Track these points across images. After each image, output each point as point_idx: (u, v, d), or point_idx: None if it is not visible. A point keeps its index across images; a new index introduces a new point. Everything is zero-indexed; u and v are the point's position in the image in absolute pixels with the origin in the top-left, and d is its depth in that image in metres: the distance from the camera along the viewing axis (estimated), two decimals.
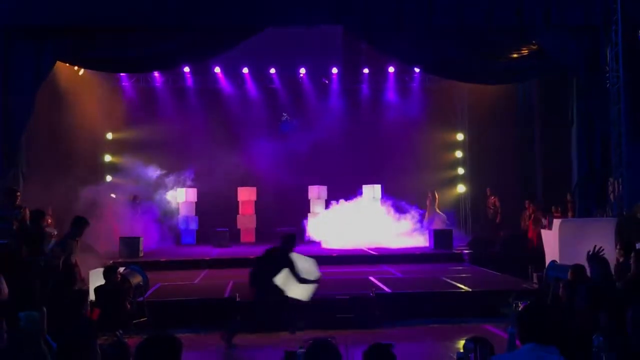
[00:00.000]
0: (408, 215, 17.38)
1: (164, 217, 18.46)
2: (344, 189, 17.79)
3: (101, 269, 9.11)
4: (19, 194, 10.39)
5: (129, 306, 8.59)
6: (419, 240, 17.00)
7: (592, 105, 12.81)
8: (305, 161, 19.08)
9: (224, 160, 18.56)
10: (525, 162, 17.69)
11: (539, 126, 17.05)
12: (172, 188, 18.83)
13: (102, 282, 8.62)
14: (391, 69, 19.46)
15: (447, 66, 14.31)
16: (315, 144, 18.92)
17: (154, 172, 18.23)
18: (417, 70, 19.03)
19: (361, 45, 17.69)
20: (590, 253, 6.60)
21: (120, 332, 8.10)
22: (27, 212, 10.29)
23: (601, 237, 9.92)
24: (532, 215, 15.97)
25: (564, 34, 12.79)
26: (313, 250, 16.26)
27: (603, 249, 6.69)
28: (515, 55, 13.67)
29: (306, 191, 19.15)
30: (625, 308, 4.48)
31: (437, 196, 18.80)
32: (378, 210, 17.74)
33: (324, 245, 16.91)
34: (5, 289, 5.27)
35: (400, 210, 17.56)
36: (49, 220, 15.43)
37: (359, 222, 17.06)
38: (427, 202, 18.68)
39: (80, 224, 9.01)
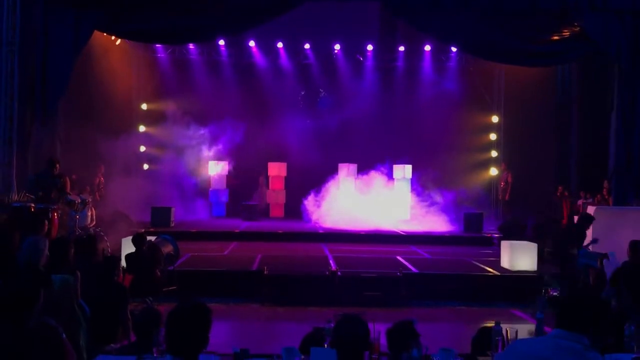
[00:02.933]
0: (422, 197, 17.18)
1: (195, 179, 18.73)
2: (374, 168, 17.70)
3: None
4: (58, 165, 10.66)
5: (159, 274, 8.72)
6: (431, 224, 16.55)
7: (634, 92, 12.47)
8: (336, 138, 18.99)
9: (255, 135, 18.61)
10: (560, 146, 17.35)
11: (576, 111, 16.67)
12: (205, 156, 19.01)
13: (133, 249, 8.75)
14: (427, 48, 19.15)
15: (484, 46, 14.04)
16: (347, 121, 18.81)
17: (188, 136, 18.38)
18: (453, 49, 18.72)
19: (398, 22, 17.41)
20: None
21: (150, 299, 8.24)
22: (68, 180, 10.58)
23: (636, 226, 9.80)
24: (565, 201, 15.74)
25: (608, 17, 12.42)
26: (328, 228, 16.14)
27: None
28: (555, 37, 13.34)
29: (336, 169, 19.09)
30: None
31: None
32: (404, 190, 17.61)
33: (322, 224, 16.54)
34: (47, 254, 5.40)
35: (425, 192, 17.39)
36: (102, 179, 15.87)
37: (362, 202, 16.85)
38: None
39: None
